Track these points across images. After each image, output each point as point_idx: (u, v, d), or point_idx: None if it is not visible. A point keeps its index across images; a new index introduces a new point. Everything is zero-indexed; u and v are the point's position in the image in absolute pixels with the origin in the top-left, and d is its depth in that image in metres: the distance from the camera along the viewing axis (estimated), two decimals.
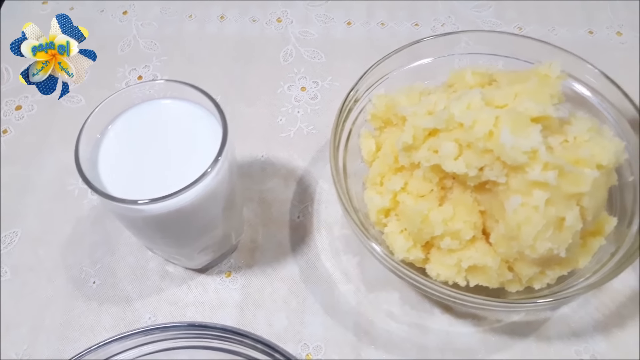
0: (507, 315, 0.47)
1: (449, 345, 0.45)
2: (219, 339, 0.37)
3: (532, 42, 0.50)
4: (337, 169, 0.45)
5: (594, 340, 0.45)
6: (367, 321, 0.47)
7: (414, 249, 0.44)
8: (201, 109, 0.42)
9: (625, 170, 0.47)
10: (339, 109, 0.47)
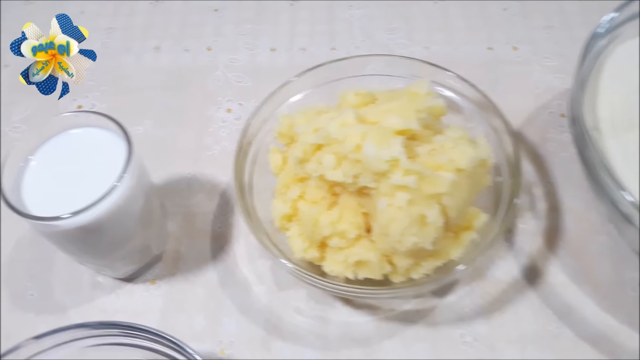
0: (398, 304, 0.52)
1: (348, 334, 0.51)
2: (127, 336, 0.42)
3: (423, 64, 0.56)
4: (240, 183, 0.51)
5: (477, 324, 0.51)
6: (277, 317, 0.52)
7: (310, 249, 0.49)
8: (114, 135, 0.47)
9: (503, 172, 0.53)
10: (242, 130, 0.53)
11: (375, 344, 0.50)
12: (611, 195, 0.46)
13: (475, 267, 0.54)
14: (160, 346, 0.42)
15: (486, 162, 0.50)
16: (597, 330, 0.50)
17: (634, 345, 0.49)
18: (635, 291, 0.52)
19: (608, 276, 0.53)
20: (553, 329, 0.50)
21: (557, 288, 0.52)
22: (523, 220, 0.56)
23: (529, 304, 0.52)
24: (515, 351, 0.49)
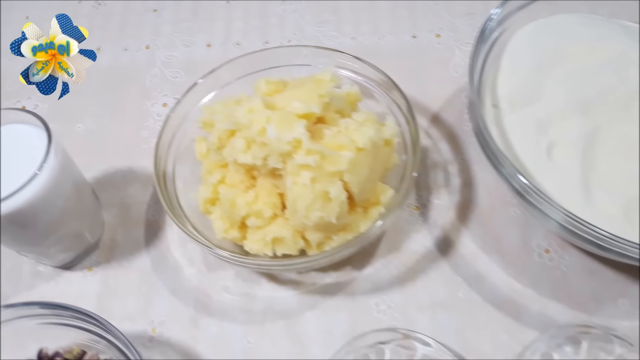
0: (320, 278, 0.56)
1: (271, 308, 0.54)
2: (53, 316, 0.45)
3: (342, 54, 0.59)
4: (160, 173, 0.54)
5: (391, 293, 0.55)
6: (206, 296, 0.56)
7: (231, 230, 0.52)
8: (38, 129, 0.50)
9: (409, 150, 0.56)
10: (163, 121, 0.56)
11: (297, 316, 0.54)
12: (501, 171, 0.49)
13: (391, 241, 0.57)
14: (84, 323, 0.46)
15: (391, 142, 0.53)
16: (503, 294, 0.54)
17: (537, 306, 0.53)
18: (541, 257, 0.55)
19: (515, 245, 0.56)
20: (462, 295, 0.54)
21: (467, 257, 0.56)
22: (437, 196, 0.60)
23: (440, 273, 0.55)
24: (426, 316, 0.53)
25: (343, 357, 0.51)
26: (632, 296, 0.53)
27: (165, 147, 0.56)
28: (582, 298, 0.53)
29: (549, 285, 0.54)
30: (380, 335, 0.51)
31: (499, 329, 0.52)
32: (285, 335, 0.53)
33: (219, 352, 0.52)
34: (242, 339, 0.53)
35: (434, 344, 0.50)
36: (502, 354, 0.50)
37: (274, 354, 0.52)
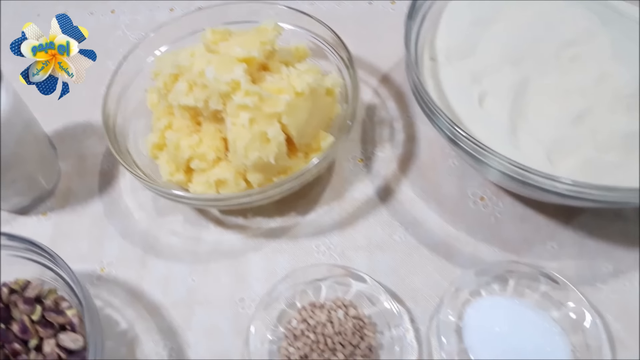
0: (265, 223, 0.58)
1: (217, 250, 0.57)
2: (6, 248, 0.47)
3: (297, 13, 0.62)
4: (106, 122, 0.56)
5: (331, 236, 0.57)
6: (154, 239, 0.58)
7: (176, 173, 0.55)
8: None
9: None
10: (112, 72, 0.59)
11: (241, 256, 0.56)
12: (434, 120, 0.51)
13: (335, 190, 0.60)
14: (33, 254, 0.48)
15: (333, 92, 0.55)
16: (438, 237, 0.56)
17: (469, 249, 0.55)
18: (476, 204, 0.58)
19: (452, 193, 0.59)
20: (398, 237, 0.56)
21: (405, 204, 0.59)
22: (382, 150, 0.63)
23: (379, 218, 0.58)
24: (363, 256, 0.56)
25: (282, 292, 0.53)
26: (560, 239, 0.55)
27: (115, 98, 0.58)
28: (513, 241, 0.56)
29: (482, 230, 0.56)
30: (318, 270, 0.53)
31: (431, 269, 0.54)
32: (228, 274, 0.55)
33: (164, 289, 0.55)
34: (187, 277, 0.55)
35: (369, 280, 0.52)
36: (432, 290, 0.53)
37: (217, 290, 0.54)
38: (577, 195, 0.45)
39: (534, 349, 0.48)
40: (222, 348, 0.51)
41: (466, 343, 0.49)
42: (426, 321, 0.52)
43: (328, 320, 0.50)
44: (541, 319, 0.50)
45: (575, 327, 0.50)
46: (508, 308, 0.50)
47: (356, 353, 0.49)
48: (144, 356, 0.51)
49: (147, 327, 0.53)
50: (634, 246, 0.55)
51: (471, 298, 0.52)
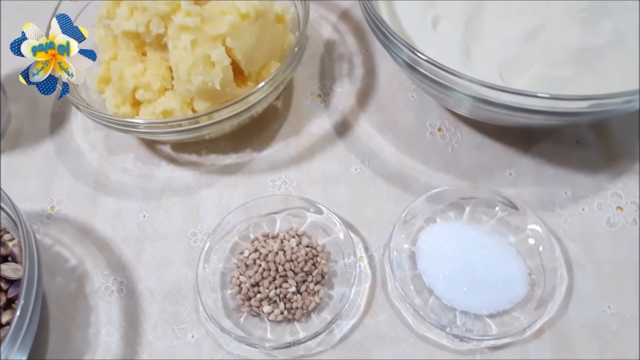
0: (220, 159, 0.57)
1: (169, 186, 0.55)
2: None
3: None
4: None
5: (288, 170, 0.56)
6: (105, 177, 0.56)
7: (122, 105, 0.53)
8: None
9: None
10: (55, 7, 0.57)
11: (194, 192, 0.55)
12: (389, 46, 0.49)
13: (291, 126, 0.58)
14: None
15: (284, 19, 0.54)
16: (394, 168, 0.55)
17: (425, 178, 0.54)
18: (434, 135, 0.57)
19: (410, 125, 0.58)
20: (354, 170, 0.55)
21: (363, 137, 0.57)
22: (340, 85, 0.61)
23: (336, 152, 0.57)
24: (318, 189, 0.54)
25: (235, 225, 0.52)
26: (519, 167, 0.54)
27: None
28: (470, 170, 0.55)
29: (438, 159, 0.55)
30: (272, 203, 0.52)
31: (386, 199, 0.53)
32: (180, 209, 0.54)
33: (114, 226, 0.53)
34: (138, 213, 0.54)
35: (325, 210, 0.51)
36: (387, 219, 0.52)
37: (168, 225, 0.53)
38: (530, 108, 0.43)
39: (488, 270, 0.47)
40: (173, 280, 0.50)
41: (419, 268, 0.48)
42: (381, 249, 0.51)
43: (280, 249, 0.49)
44: (496, 242, 0.49)
45: (532, 251, 0.49)
46: (462, 232, 0.49)
47: (308, 280, 0.48)
48: (94, 291, 0.50)
49: (97, 263, 0.51)
50: (594, 172, 0.54)
51: (425, 225, 0.51)
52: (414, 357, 0.46)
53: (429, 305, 0.47)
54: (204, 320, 0.48)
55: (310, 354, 0.46)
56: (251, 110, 0.51)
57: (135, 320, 0.49)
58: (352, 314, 0.48)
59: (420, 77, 0.48)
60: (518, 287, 0.46)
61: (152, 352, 0.47)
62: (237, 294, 0.48)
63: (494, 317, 0.46)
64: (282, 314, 0.47)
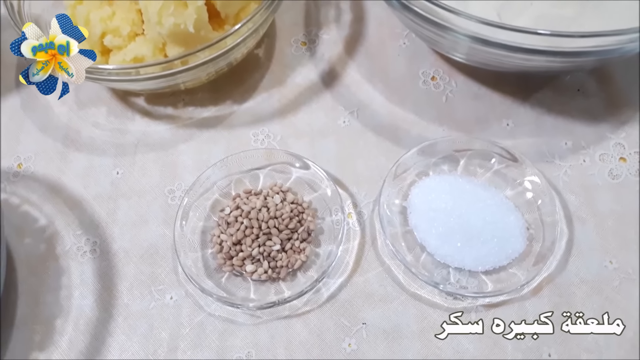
0: (198, 113, 0.53)
1: (143, 141, 0.52)
2: None
3: None
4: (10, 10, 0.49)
5: (271, 123, 0.52)
6: (75, 132, 0.53)
7: None
8: None
9: None
10: None
11: (170, 147, 0.51)
12: None
13: (275, 76, 0.55)
14: None
15: None
16: (384, 120, 0.52)
17: (418, 129, 0.51)
18: (427, 84, 0.53)
19: (401, 74, 0.54)
20: (342, 122, 0.52)
21: (351, 87, 0.54)
22: (327, 32, 0.57)
23: (323, 104, 0.53)
24: (304, 143, 0.51)
25: (215, 181, 0.49)
26: (517, 117, 0.51)
27: None
28: (466, 120, 0.51)
29: (431, 110, 0.52)
30: (255, 158, 0.49)
31: (376, 152, 0.50)
32: (156, 166, 0.51)
33: (85, 183, 0.50)
34: (111, 170, 0.51)
35: (311, 165, 0.48)
36: (377, 174, 0.49)
37: (144, 182, 0.50)
38: (530, 48, 0.40)
39: (483, 225, 0.44)
40: (150, 239, 0.47)
41: (411, 223, 0.46)
42: (370, 205, 0.48)
43: (263, 206, 0.46)
44: (492, 196, 0.46)
45: (530, 205, 0.46)
46: (456, 186, 0.46)
47: (294, 237, 0.45)
48: (65, 252, 0.47)
49: (68, 222, 0.48)
50: (595, 122, 0.51)
51: (417, 179, 0.48)
52: (405, 316, 0.43)
53: (421, 262, 0.45)
54: (183, 281, 0.45)
55: (296, 314, 0.44)
56: (229, 56, 0.47)
57: (109, 282, 0.46)
58: (340, 272, 0.45)
59: (414, 17, 0.44)
60: (516, 242, 0.44)
61: (128, 315, 0.44)
62: (218, 253, 0.45)
63: (489, 274, 0.44)
64: (266, 272, 0.44)
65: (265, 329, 0.43)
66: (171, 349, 0.43)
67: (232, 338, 0.43)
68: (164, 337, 0.43)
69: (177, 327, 0.44)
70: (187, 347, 0.43)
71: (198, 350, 0.43)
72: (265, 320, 0.44)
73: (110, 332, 0.44)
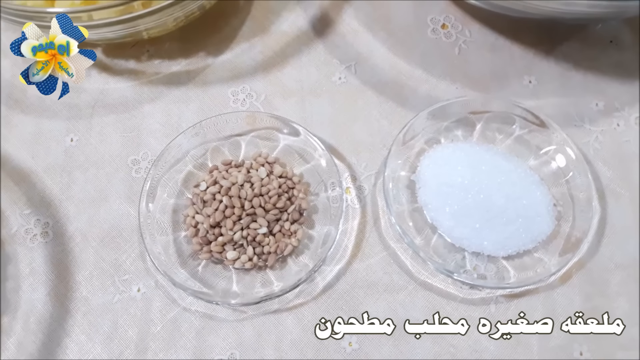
0: (166, 67, 0.45)
1: (101, 102, 0.44)
2: None
3: None
4: None
5: (253, 80, 0.44)
6: (20, 91, 0.44)
7: None
8: None
9: None
10: None
11: (133, 109, 0.44)
12: None
13: (257, 22, 0.46)
14: None
15: None
16: (387, 76, 0.44)
17: (426, 87, 0.44)
18: (436, 33, 0.45)
19: (406, 20, 0.46)
20: (338, 79, 0.44)
21: (347, 37, 0.46)
22: None
23: (314, 56, 0.45)
24: (293, 104, 0.43)
25: (188, 150, 0.41)
26: (540, 73, 0.44)
27: None
28: (482, 77, 0.44)
29: (443, 65, 0.44)
30: (234, 122, 0.41)
31: (378, 115, 0.43)
32: (117, 131, 0.43)
33: (33, 152, 0.42)
34: (64, 137, 0.43)
35: (302, 131, 0.40)
36: (380, 141, 0.42)
37: (103, 151, 0.42)
38: None
39: (507, 202, 0.37)
40: (111, 220, 0.40)
41: (420, 200, 0.39)
42: (372, 178, 0.41)
43: (246, 181, 0.39)
44: (515, 167, 0.39)
45: (557, 177, 0.40)
46: (473, 155, 0.39)
47: (283, 218, 0.38)
48: (10, 235, 0.40)
49: (13, 200, 0.41)
50: (630, 79, 0.44)
51: (427, 147, 0.41)
52: (414, 309, 0.37)
53: (431, 245, 0.38)
54: (152, 270, 0.38)
55: (287, 307, 0.38)
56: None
57: (65, 271, 0.39)
58: (338, 258, 0.39)
59: None
60: (542, 222, 0.38)
61: (88, 310, 0.38)
62: (193, 237, 0.38)
63: (511, 259, 0.38)
64: (251, 260, 0.37)
65: (251, 326, 0.37)
66: (140, 350, 0.37)
67: (212, 337, 0.37)
68: (132, 336, 0.37)
69: (146, 324, 0.37)
70: (159, 348, 0.37)
71: (172, 352, 0.37)
72: (251, 315, 0.37)
73: (67, 332, 0.37)
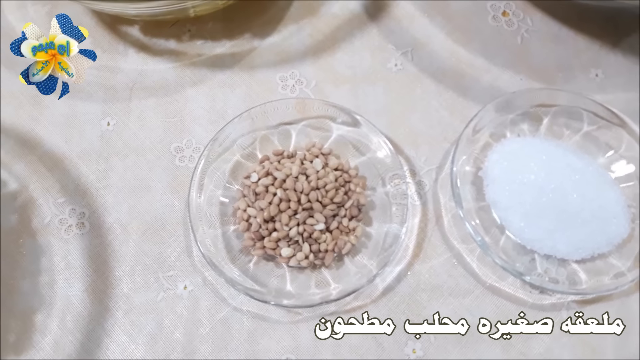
0: (209, 48, 0.42)
1: (141, 83, 0.41)
2: None
3: None
4: None
5: (302, 65, 0.42)
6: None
7: None
8: None
9: None
10: None
11: (175, 92, 0.41)
12: None
13: (305, 4, 0.43)
14: None
15: None
16: (446, 64, 0.42)
17: (488, 78, 0.41)
18: (497, 20, 0.43)
19: (465, 5, 0.44)
20: (393, 65, 0.41)
21: (403, 21, 0.43)
22: None
23: (368, 41, 0.42)
24: (346, 92, 0.41)
25: (235, 139, 0.38)
26: (607, 66, 0.42)
27: None
28: (546, 68, 0.42)
29: (504, 54, 0.42)
30: (285, 109, 0.38)
31: (437, 105, 0.40)
32: (158, 115, 0.40)
33: (67, 136, 0.39)
34: (100, 120, 0.40)
35: (360, 120, 0.37)
36: (440, 133, 0.39)
37: (143, 136, 0.39)
38: None
39: (582, 202, 0.35)
40: (154, 211, 0.37)
41: (488, 198, 0.36)
42: (432, 173, 0.38)
43: (301, 173, 0.36)
44: (588, 165, 0.37)
45: (629, 176, 0.38)
46: (544, 151, 0.37)
47: (340, 214, 0.36)
48: (44, 226, 0.37)
49: (46, 187, 0.38)
50: None
51: (493, 141, 0.39)
52: (482, 314, 0.35)
53: (500, 246, 0.36)
54: (200, 266, 0.36)
55: (344, 310, 0.35)
56: None
57: (103, 266, 0.36)
58: (399, 259, 0.36)
59: None
60: (618, 224, 0.35)
61: (130, 309, 0.35)
62: (245, 232, 0.36)
63: (583, 263, 0.36)
64: (307, 258, 0.35)
65: (307, 328, 0.35)
66: (188, 353, 0.34)
67: (266, 339, 0.34)
68: (178, 337, 0.34)
69: (194, 325, 0.35)
70: (208, 351, 0.34)
71: (223, 355, 0.34)
72: (307, 317, 0.35)
73: (107, 331, 0.34)
